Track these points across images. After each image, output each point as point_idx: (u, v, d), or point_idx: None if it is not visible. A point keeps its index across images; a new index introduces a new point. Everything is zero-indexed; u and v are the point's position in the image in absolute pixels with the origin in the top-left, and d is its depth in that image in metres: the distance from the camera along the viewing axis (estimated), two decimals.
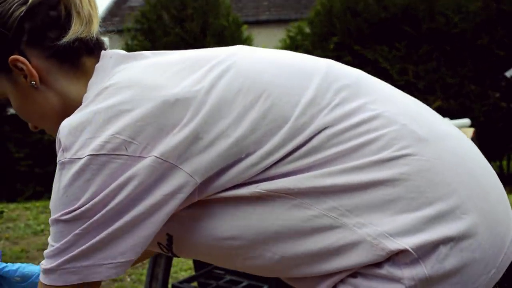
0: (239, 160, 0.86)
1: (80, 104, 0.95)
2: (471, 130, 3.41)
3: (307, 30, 8.65)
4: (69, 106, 0.99)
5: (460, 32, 7.82)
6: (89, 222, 0.84)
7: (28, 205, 6.40)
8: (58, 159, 0.87)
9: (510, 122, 7.70)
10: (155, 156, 0.83)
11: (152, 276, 2.37)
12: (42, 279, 0.89)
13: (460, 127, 3.48)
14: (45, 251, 0.89)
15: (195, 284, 2.70)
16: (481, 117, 7.52)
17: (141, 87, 0.88)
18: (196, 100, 0.86)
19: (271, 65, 0.95)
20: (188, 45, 8.43)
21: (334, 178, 0.85)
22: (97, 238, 0.85)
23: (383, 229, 0.83)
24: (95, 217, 0.84)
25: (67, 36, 0.97)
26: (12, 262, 3.67)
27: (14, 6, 0.97)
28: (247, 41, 8.91)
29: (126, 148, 0.84)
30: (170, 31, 8.53)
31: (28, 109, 1.05)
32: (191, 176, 0.85)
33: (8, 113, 9.18)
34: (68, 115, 0.96)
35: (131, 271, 3.72)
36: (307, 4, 13.12)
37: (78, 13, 0.99)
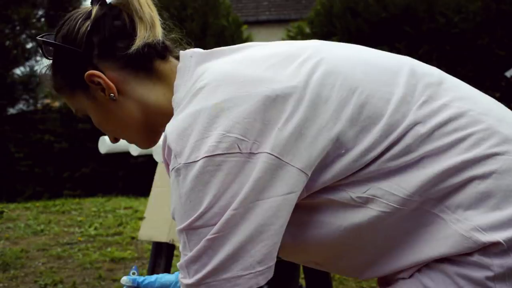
0: (340, 155, 0.87)
1: (161, 108, 0.99)
2: None
3: (307, 30, 8.65)
4: (150, 113, 1.01)
5: (460, 32, 7.81)
6: (217, 227, 0.83)
7: (28, 205, 6.39)
8: (171, 166, 0.87)
9: None
10: (267, 152, 0.83)
11: None
12: None
13: None
14: (179, 263, 0.88)
15: None
16: None
17: (239, 83, 0.88)
18: (295, 96, 0.86)
19: (360, 62, 0.95)
20: (188, 45, 8.43)
21: (435, 182, 0.87)
22: (229, 245, 0.83)
23: (477, 223, 0.86)
24: (222, 221, 0.82)
25: (135, 44, 0.97)
26: (13, 262, 3.63)
27: (79, 22, 0.99)
28: (247, 41, 8.88)
29: (238, 146, 0.83)
30: None
31: (109, 122, 1.05)
32: (302, 171, 0.85)
33: (8, 113, 9.18)
34: (150, 121, 1.02)
35: None
36: (307, 4, 13.12)
37: (141, 18, 0.99)
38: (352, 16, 8.12)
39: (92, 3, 1.02)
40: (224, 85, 0.88)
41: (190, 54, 1.01)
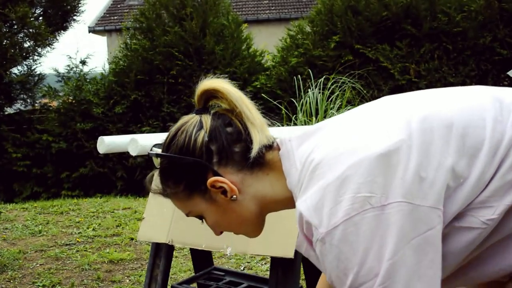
0: (460, 184, 0.95)
1: (276, 196, 1.09)
2: None
3: (308, 29, 8.61)
4: (265, 203, 1.11)
5: (462, 31, 7.80)
6: (380, 279, 0.90)
7: (26, 205, 6.36)
8: (315, 238, 0.96)
9: None
10: (397, 201, 0.91)
11: (151, 277, 2.32)
12: None
13: None
14: None
15: (194, 285, 2.67)
16: None
17: (350, 151, 0.96)
18: (404, 147, 0.94)
19: (444, 102, 1.04)
20: (188, 44, 8.40)
21: None
22: None
23: None
24: (382, 272, 0.90)
25: (254, 149, 1.06)
26: (10, 263, 3.60)
27: (194, 133, 1.06)
28: (247, 40, 8.87)
29: (369, 202, 0.91)
30: (169, 30, 8.48)
31: (227, 221, 1.13)
32: (433, 207, 0.92)
33: (6, 113, 9.15)
34: (264, 211, 1.12)
35: (130, 273, 3.69)
36: (307, 3, 13.12)
37: (252, 123, 1.08)
38: (353, 15, 8.09)
39: (197, 112, 1.09)
40: (337, 157, 0.96)
41: (288, 139, 1.10)
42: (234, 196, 1.07)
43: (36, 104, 9.53)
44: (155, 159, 1.12)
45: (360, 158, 0.94)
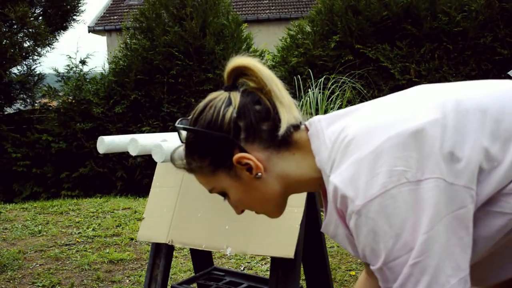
0: (494, 167, 0.95)
1: (302, 176, 1.09)
2: None
3: (308, 28, 8.59)
4: (289, 182, 1.10)
5: (463, 31, 7.78)
6: (415, 252, 0.91)
7: (25, 205, 6.34)
8: (350, 211, 0.95)
9: None
10: (434, 177, 0.92)
11: (151, 277, 2.31)
12: None
13: None
14: None
15: (194, 285, 2.66)
16: None
17: (385, 127, 0.97)
18: (439, 126, 0.95)
19: (479, 90, 1.05)
20: (188, 44, 8.38)
21: None
22: (430, 268, 0.91)
23: None
24: (418, 246, 0.90)
25: (282, 128, 1.06)
26: (10, 263, 3.59)
27: (222, 108, 1.06)
28: (247, 40, 8.85)
29: (405, 177, 0.92)
30: (169, 29, 8.46)
31: (250, 199, 1.13)
32: (466, 187, 0.93)
33: (5, 113, 9.12)
34: (288, 191, 1.12)
35: (130, 273, 3.68)
36: (307, 3, 13.10)
37: (281, 102, 1.07)
38: (354, 14, 8.07)
39: (225, 89, 1.09)
40: (372, 132, 0.98)
41: (318, 119, 1.10)
42: (259, 174, 1.07)
43: (36, 104, 9.50)
44: (181, 133, 1.12)
45: (396, 133, 0.94)
